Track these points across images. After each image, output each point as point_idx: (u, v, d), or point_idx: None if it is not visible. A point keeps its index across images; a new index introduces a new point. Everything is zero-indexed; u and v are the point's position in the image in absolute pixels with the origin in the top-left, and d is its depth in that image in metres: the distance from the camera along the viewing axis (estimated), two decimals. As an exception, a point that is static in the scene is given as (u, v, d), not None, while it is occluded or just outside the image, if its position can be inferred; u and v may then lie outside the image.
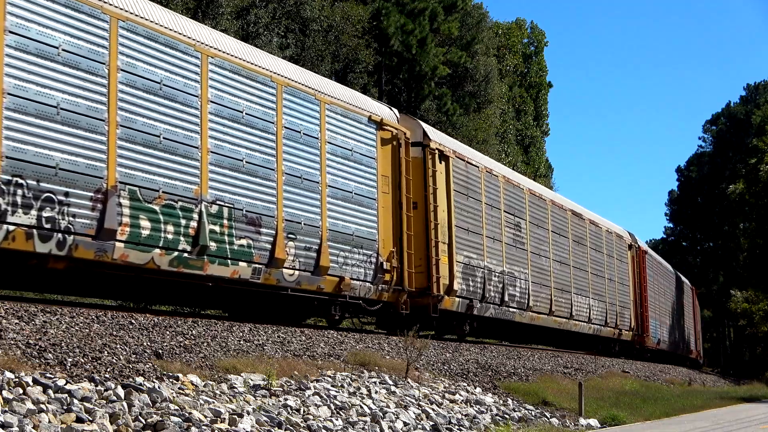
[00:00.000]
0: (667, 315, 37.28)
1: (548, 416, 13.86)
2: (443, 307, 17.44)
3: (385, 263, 15.90)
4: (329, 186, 14.71)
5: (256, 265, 13.02)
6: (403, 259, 16.33)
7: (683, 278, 44.75)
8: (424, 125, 18.02)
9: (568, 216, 25.26)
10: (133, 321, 10.43)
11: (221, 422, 8.26)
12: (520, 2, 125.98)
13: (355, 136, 15.57)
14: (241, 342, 11.27)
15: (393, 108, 17.42)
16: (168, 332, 10.45)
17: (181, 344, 10.12)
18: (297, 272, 13.83)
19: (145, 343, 9.61)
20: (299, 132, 14.19)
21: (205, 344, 10.52)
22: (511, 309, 20.59)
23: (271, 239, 13.29)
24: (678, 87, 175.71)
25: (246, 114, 13.18)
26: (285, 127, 13.84)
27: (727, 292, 63.30)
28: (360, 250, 15.29)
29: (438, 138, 18.22)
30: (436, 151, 17.66)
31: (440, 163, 17.82)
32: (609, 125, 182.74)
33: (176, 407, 8.12)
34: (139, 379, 8.39)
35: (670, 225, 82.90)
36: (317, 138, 14.57)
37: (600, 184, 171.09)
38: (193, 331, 10.92)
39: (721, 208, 69.74)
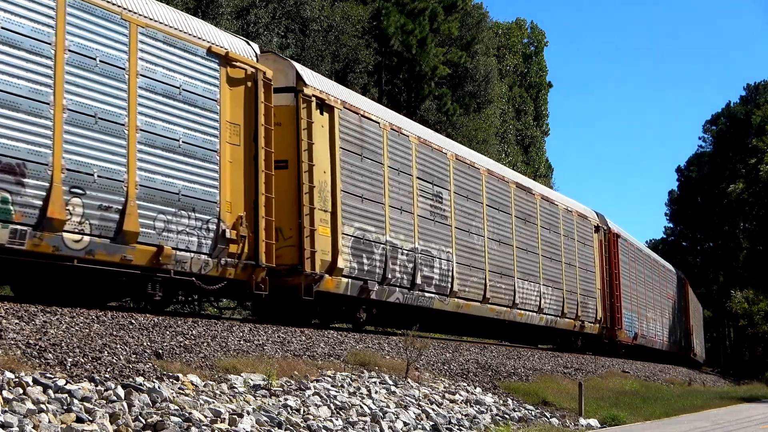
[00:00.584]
0: (649, 307, 33.97)
1: (548, 416, 13.86)
2: (323, 289, 14.48)
3: (229, 231, 12.73)
4: (142, 130, 11.68)
5: (18, 227, 10.05)
6: (258, 228, 13.20)
7: (672, 268, 42.32)
8: (300, 67, 14.99)
9: (512, 189, 21.84)
10: (133, 321, 10.43)
11: (221, 422, 8.26)
12: (520, 2, 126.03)
13: (187, 71, 12.40)
14: (241, 342, 11.28)
15: (252, 43, 14.25)
16: (168, 332, 10.45)
17: (181, 344, 10.12)
18: (87, 238, 10.84)
19: (145, 343, 9.61)
20: (94, 59, 11.11)
21: (205, 344, 10.52)
22: (426, 294, 17.39)
23: (44, 193, 10.33)
24: (678, 87, 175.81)
25: (2, 29, 10.15)
26: (71, 51, 10.83)
27: (727, 292, 63.37)
28: (191, 213, 12.21)
29: (319, 84, 15.09)
30: (314, 99, 14.62)
31: (321, 114, 14.81)
32: (609, 125, 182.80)
33: (176, 407, 8.12)
34: (139, 379, 8.39)
35: (670, 225, 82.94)
36: (123, 68, 11.52)
37: (600, 184, 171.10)
38: (193, 331, 10.93)
39: (721, 208, 69.72)
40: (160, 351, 9.46)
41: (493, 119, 41.89)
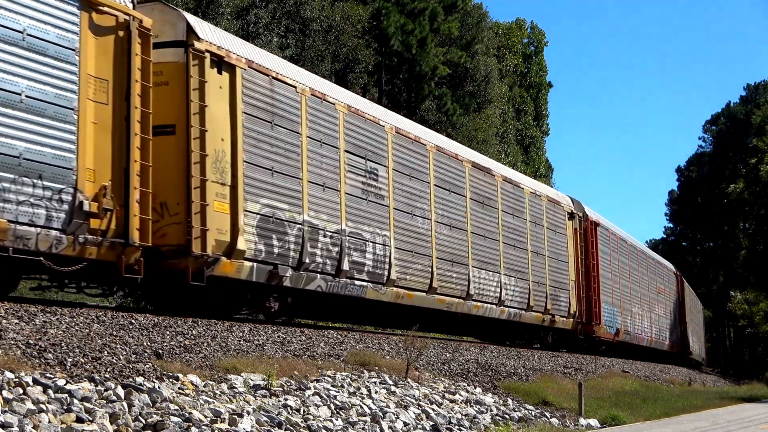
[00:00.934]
0: (635, 302, 31.59)
1: (548, 416, 13.86)
2: (219, 274, 12.64)
3: (88, 203, 10.81)
4: None
5: None
6: (129, 200, 11.29)
7: (665, 262, 40.34)
8: (192, 18, 13.10)
9: (466, 169, 19.59)
10: (133, 321, 10.43)
11: (221, 422, 8.26)
12: (520, 2, 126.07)
13: (34, 13, 10.46)
14: (241, 342, 11.28)
15: None
16: (168, 332, 10.45)
17: (181, 344, 10.12)
18: None
19: (145, 343, 9.62)
20: None
21: (205, 344, 10.52)
22: (356, 282, 15.43)
23: None
24: (678, 87, 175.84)
25: None
26: None
27: (727, 292, 63.43)
28: (38, 181, 10.29)
29: (217, 39, 13.14)
30: (208, 55, 12.71)
31: (220, 73, 12.90)
32: (609, 125, 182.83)
33: (176, 407, 8.13)
34: (139, 379, 8.39)
35: (670, 225, 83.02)
36: None
37: (600, 184, 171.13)
38: (193, 331, 10.93)
39: (721, 208, 69.75)
40: (160, 351, 9.46)
41: (493, 119, 41.91)
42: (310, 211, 14.44)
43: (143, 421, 7.63)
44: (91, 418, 7.26)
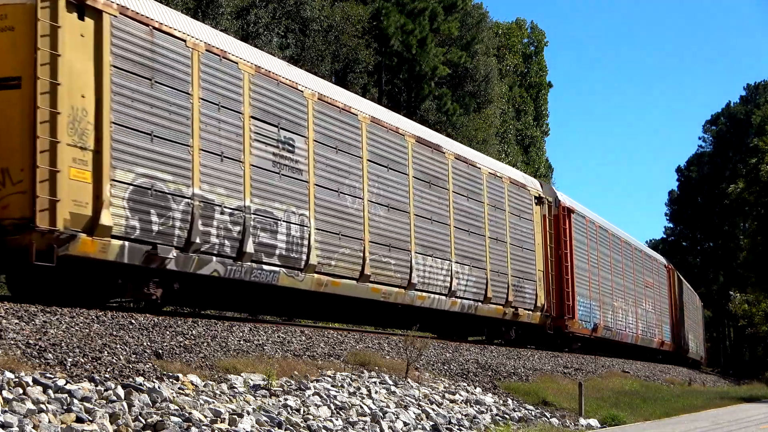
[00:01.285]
0: (618, 296, 29.32)
1: (548, 416, 13.87)
2: (78, 253, 10.77)
3: None
4: None
5: None
6: None
7: (655, 255, 37.89)
8: None
9: (409, 144, 17.50)
10: (133, 321, 10.44)
11: (221, 422, 8.26)
12: (520, 2, 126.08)
13: None
14: (241, 342, 11.28)
15: None
16: (168, 332, 10.46)
17: (181, 344, 10.13)
18: None
19: (145, 343, 9.62)
20: None
21: (205, 344, 10.53)
22: (265, 267, 13.55)
23: None
24: (678, 87, 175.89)
25: None
26: None
27: (727, 292, 63.43)
28: None
29: None
30: None
31: (81, 19, 11.06)
32: (609, 125, 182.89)
33: (176, 407, 8.13)
34: (139, 379, 8.40)
35: (670, 225, 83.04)
36: None
37: (600, 184, 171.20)
38: (193, 331, 10.93)
39: (721, 208, 69.83)
40: (160, 351, 9.47)
41: (493, 119, 41.93)
42: (202, 183, 12.43)
43: (143, 421, 7.63)
44: (91, 418, 7.26)
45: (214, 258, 12.63)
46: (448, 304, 18.38)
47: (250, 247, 13.20)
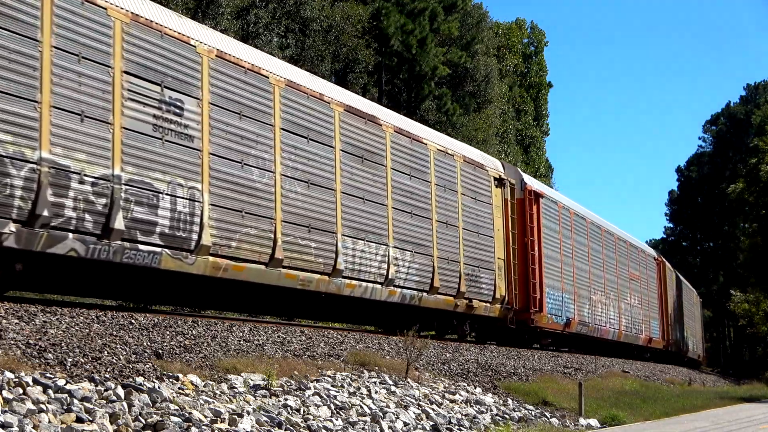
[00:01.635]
0: (597, 288, 26.95)
1: (548, 416, 13.87)
2: None
3: None
4: None
5: None
6: None
7: (641, 245, 34.97)
8: None
9: (336, 114, 15.45)
10: (133, 321, 10.44)
11: (221, 422, 8.26)
12: (520, 2, 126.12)
13: None
14: (241, 342, 11.28)
15: None
16: (168, 332, 10.46)
17: (181, 344, 10.13)
18: None
19: (145, 343, 9.62)
20: None
21: (205, 344, 10.53)
22: (143, 247, 11.65)
23: None
24: (678, 87, 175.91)
25: None
26: None
27: (727, 292, 63.40)
28: None
29: None
30: None
31: None
32: (609, 125, 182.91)
33: (176, 407, 8.13)
34: (139, 379, 8.40)
35: (670, 225, 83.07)
36: None
37: (600, 184, 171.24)
38: (193, 331, 10.93)
39: (721, 208, 69.90)
40: (160, 351, 9.47)
41: (493, 119, 41.95)
42: (54, 147, 10.56)
43: (143, 421, 7.63)
44: (91, 418, 7.26)
45: (71, 235, 10.73)
46: (385, 293, 16.32)
47: (119, 223, 11.25)
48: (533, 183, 23.09)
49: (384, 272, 16.29)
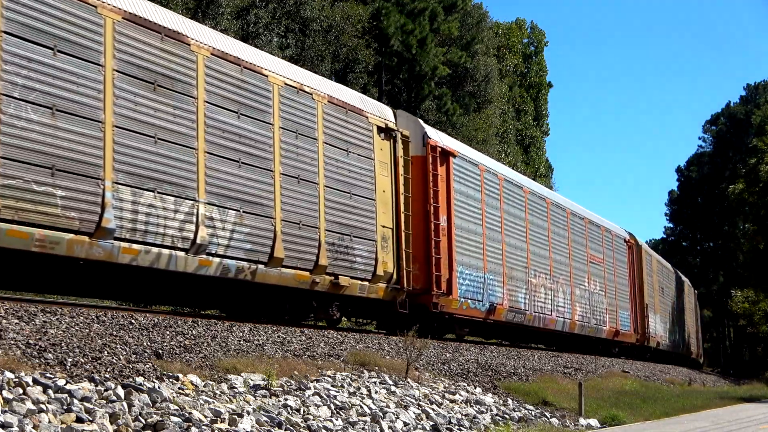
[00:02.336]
0: (539, 271, 22.78)
1: (548, 416, 13.87)
2: None
3: None
4: None
5: None
6: None
7: (606, 223, 29.34)
8: None
9: (107, 23, 11.44)
10: (133, 321, 10.44)
11: (221, 422, 8.26)
12: (520, 2, 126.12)
13: None
14: (241, 342, 11.28)
15: None
16: (168, 332, 10.46)
17: (181, 344, 10.13)
18: None
19: (145, 343, 9.62)
20: None
21: (205, 344, 10.53)
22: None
23: None
24: (678, 87, 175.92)
25: None
26: None
27: (727, 292, 63.48)
28: None
29: None
30: None
31: None
32: (609, 125, 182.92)
33: (176, 407, 8.13)
34: (139, 379, 8.40)
35: (670, 225, 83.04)
36: None
37: (600, 184, 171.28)
38: (193, 331, 10.93)
39: (721, 208, 69.88)
40: (160, 351, 9.47)
41: (493, 119, 41.95)
42: None
43: (143, 421, 7.63)
44: (91, 418, 7.26)
45: None
46: (193, 264, 12.50)
47: None
48: (441, 138, 18.83)
49: (191, 236, 12.49)
